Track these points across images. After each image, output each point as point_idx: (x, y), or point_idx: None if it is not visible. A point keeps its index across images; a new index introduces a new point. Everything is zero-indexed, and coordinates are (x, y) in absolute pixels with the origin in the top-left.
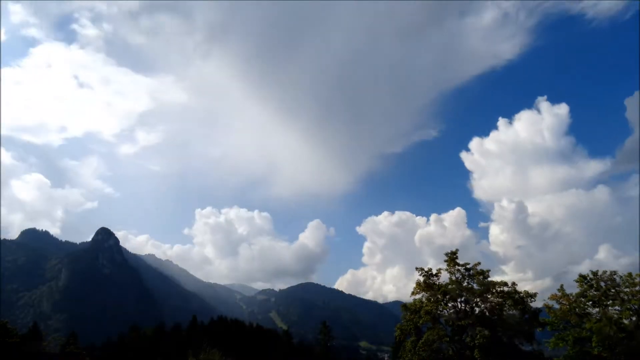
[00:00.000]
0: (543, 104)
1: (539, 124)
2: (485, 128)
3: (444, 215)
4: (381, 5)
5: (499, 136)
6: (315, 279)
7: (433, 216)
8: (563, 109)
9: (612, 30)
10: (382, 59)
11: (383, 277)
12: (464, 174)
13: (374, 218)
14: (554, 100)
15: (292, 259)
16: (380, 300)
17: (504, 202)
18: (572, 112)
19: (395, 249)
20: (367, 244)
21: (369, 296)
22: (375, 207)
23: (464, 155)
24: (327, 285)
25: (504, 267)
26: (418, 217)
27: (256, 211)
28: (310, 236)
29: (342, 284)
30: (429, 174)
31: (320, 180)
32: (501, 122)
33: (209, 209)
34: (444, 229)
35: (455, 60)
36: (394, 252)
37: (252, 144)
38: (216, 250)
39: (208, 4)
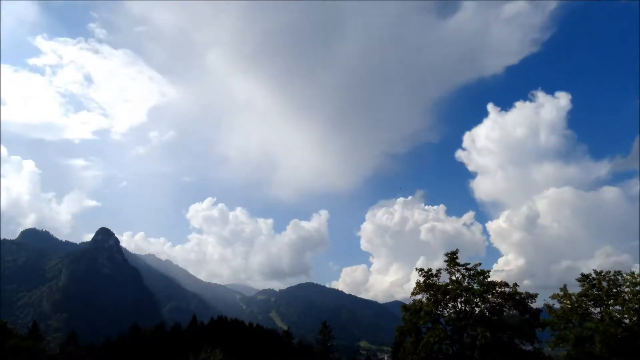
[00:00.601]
0: (541, 95)
1: (540, 118)
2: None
3: (447, 214)
4: (393, 5)
5: (500, 130)
6: (315, 278)
7: (436, 216)
8: (564, 100)
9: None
10: (391, 59)
11: (384, 277)
12: (465, 174)
13: (376, 218)
14: (554, 92)
15: (293, 254)
16: (381, 300)
17: (507, 202)
18: (578, 106)
19: (397, 249)
20: (368, 244)
21: (369, 295)
22: (379, 206)
23: (463, 154)
24: (327, 285)
25: (505, 267)
26: (421, 217)
27: (258, 211)
28: (313, 228)
29: (342, 283)
30: (433, 174)
31: (324, 180)
32: (497, 115)
33: (210, 209)
34: (446, 228)
35: (465, 59)
36: (396, 252)
37: (258, 144)
38: (216, 250)
39: (218, 3)
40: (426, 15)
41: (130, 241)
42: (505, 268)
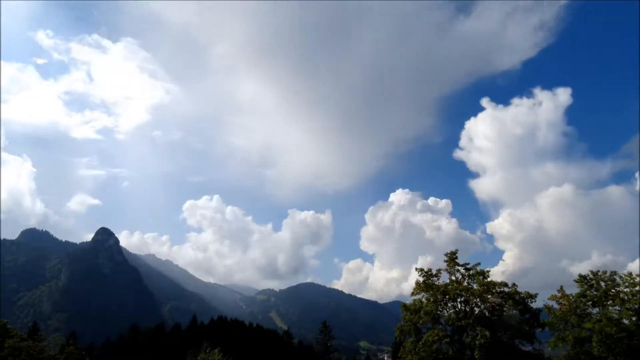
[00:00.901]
0: (538, 92)
1: (540, 116)
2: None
3: (448, 214)
4: (410, 5)
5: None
6: (315, 278)
7: (437, 216)
8: (564, 96)
9: None
10: (399, 59)
11: (384, 276)
12: (466, 173)
13: (377, 217)
14: (552, 88)
15: (293, 252)
16: (381, 300)
17: (506, 201)
18: (578, 103)
19: (398, 249)
20: (369, 243)
21: (369, 295)
22: (380, 206)
23: (464, 154)
24: (328, 285)
25: (505, 266)
26: (423, 217)
27: (260, 211)
28: (313, 222)
29: (341, 283)
30: (437, 174)
31: (327, 179)
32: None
33: (210, 209)
34: (447, 227)
35: (471, 58)
36: (397, 252)
37: (261, 144)
38: (217, 250)
39: (222, 2)
40: (435, 15)
41: (130, 241)
42: (506, 267)
